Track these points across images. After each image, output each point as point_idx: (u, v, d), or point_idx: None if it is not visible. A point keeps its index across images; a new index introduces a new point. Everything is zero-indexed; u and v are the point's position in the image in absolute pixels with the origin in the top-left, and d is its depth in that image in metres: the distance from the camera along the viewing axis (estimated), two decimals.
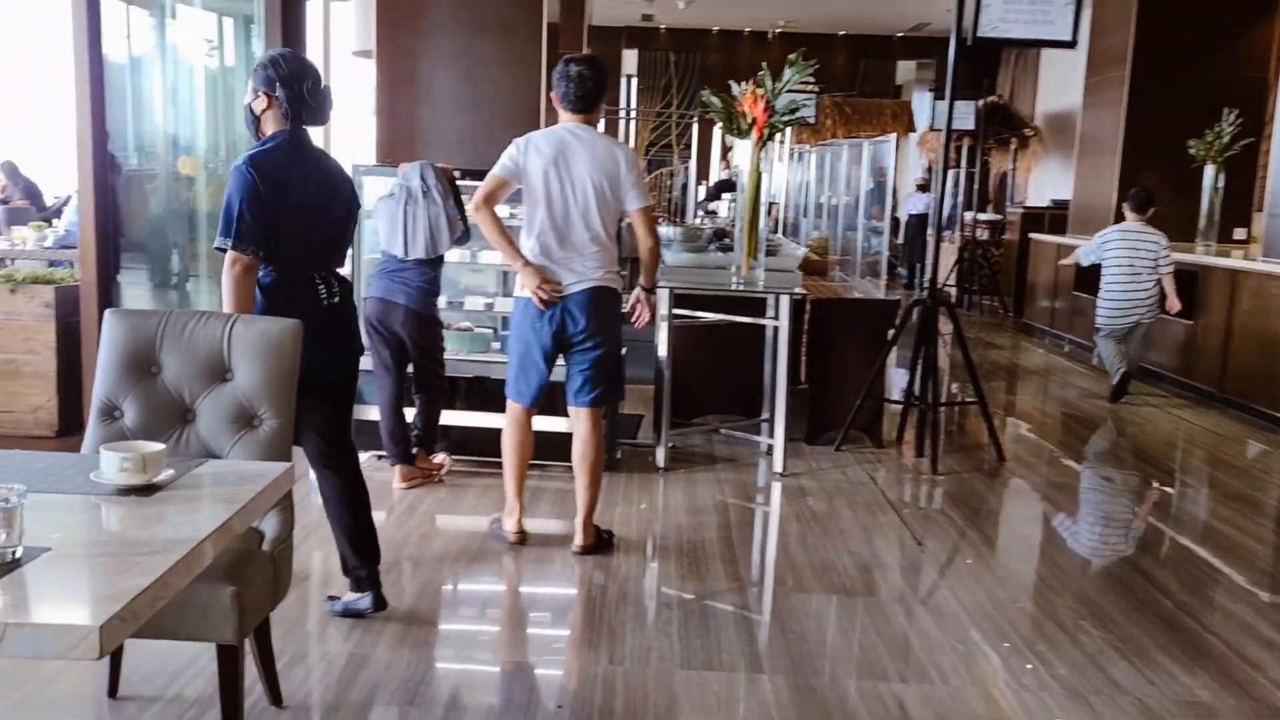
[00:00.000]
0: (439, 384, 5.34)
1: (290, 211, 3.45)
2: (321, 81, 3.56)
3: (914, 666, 3.65)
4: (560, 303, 4.35)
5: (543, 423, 5.53)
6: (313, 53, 7.23)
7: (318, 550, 4.46)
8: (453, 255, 5.56)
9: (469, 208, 4.34)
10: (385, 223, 5.15)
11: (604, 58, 4.83)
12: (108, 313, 3.01)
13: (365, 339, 5.25)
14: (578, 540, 4.54)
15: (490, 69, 7.34)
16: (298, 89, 3.46)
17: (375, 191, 5.61)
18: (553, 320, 4.37)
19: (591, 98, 4.39)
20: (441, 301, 5.48)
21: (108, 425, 2.94)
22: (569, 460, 4.66)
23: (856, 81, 18.97)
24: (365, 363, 5.52)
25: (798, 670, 3.57)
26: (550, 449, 5.47)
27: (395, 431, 5.27)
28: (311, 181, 3.53)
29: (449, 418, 5.56)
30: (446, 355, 5.41)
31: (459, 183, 5.34)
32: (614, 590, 4.23)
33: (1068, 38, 5.88)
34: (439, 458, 5.49)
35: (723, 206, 10.87)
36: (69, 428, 5.68)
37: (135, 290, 6.09)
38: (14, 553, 1.76)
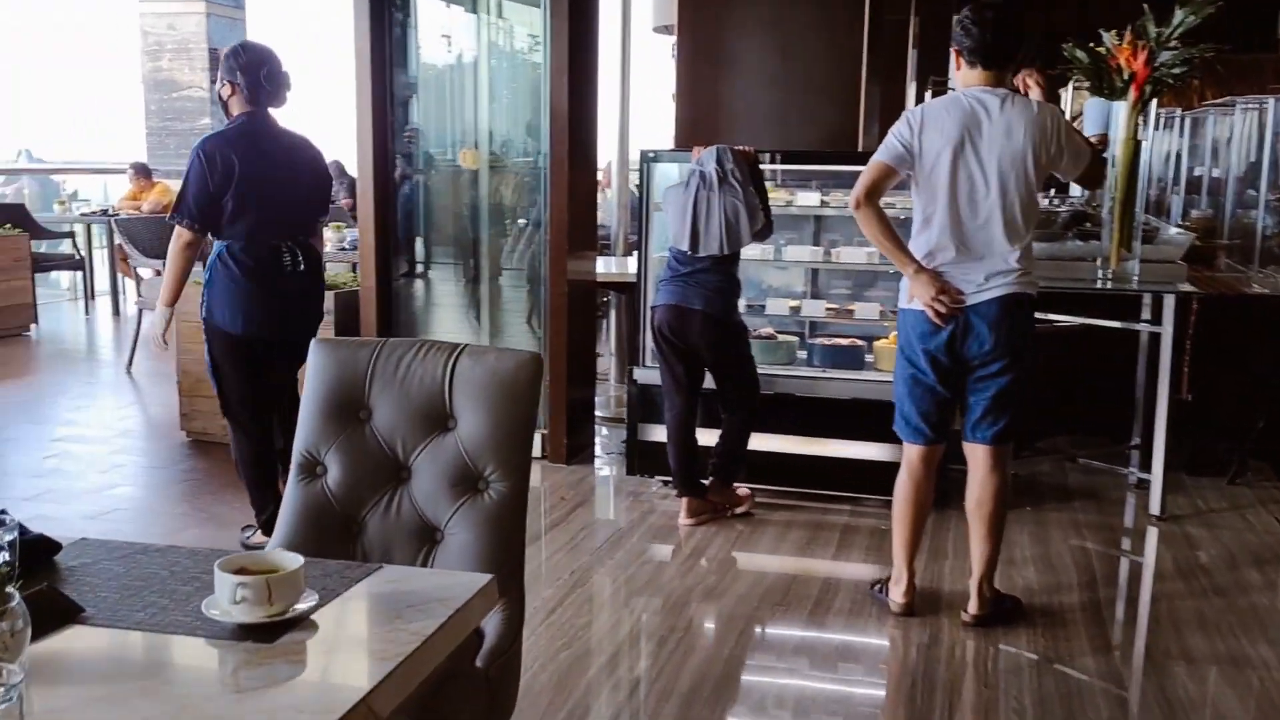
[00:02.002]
0: (747, 403, 4.58)
1: (246, 186, 3.79)
2: (280, 67, 3.92)
3: None
4: (960, 315, 3.47)
5: (848, 447, 4.69)
6: (609, 32, 6.66)
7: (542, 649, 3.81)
8: (752, 251, 4.79)
9: (848, 202, 3.53)
10: (674, 214, 4.44)
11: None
12: (314, 343, 2.44)
13: (653, 352, 4.59)
14: (971, 608, 3.63)
15: (804, 38, 6.52)
16: (256, 76, 3.85)
17: (669, 181, 4.92)
18: (951, 337, 3.48)
19: (1009, 49, 3.47)
20: (740, 305, 4.73)
21: (307, 485, 2.37)
22: (881, 494, 3.78)
23: (1228, 34, 16.58)
24: (644, 377, 4.89)
25: None
26: (854, 477, 4.61)
27: (685, 458, 4.56)
28: (269, 158, 3.87)
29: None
30: None
31: (763, 167, 4.57)
32: (950, 654, 3.34)
33: None
34: (741, 490, 4.73)
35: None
36: None
37: (443, 288, 5.72)
38: None
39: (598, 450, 5.69)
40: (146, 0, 11.34)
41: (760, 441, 4.80)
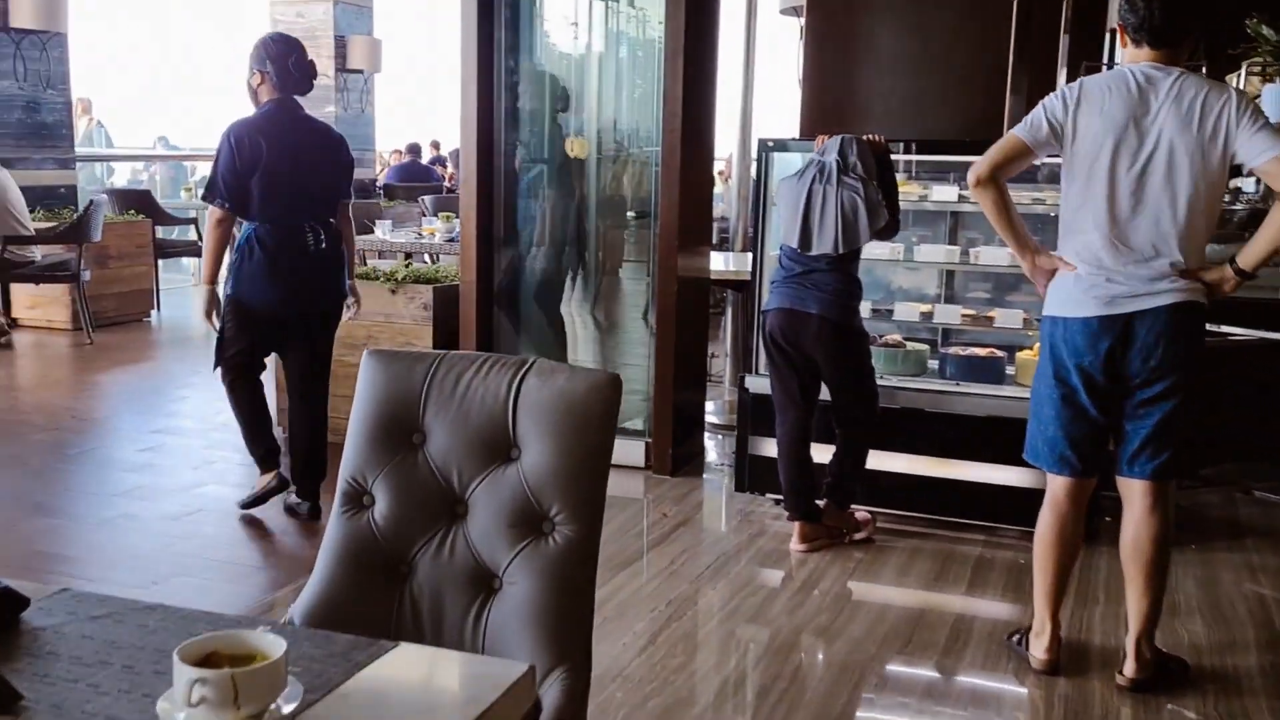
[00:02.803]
0: (867, 418, 4.16)
1: (272, 168, 3.97)
2: (306, 57, 4.10)
3: None
4: (1121, 325, 2.99)
5: (983, 470, 4.23)
6: (732, 14, 6.26)
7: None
8: (880, 250, 4.35)
9: (968, 179, 3.10)
10: (786, 208, 4.03)
11: None
12: (365, 354, 2.12)
13: (765, 360, 4.19)
14: (1128, 669, 3.12)
15: (945, 19, 6.01)
16: (284, 64, 4.02)
17: (788, 172, 4.51)
18: (1110, 351, 3.00)
19: (1183, 24, 2.97)
20: (863, 309, 4.30)
21: (352, 517, 2.06)
22: (1020, 524, 3.32)
23: None
24: (756, 385, 4.49)
25: None
26: (989, 504, 4.14)
27: (797, 478, 4.15)
28: (295, 143, 4.05)
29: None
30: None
31: (895, 158, 4.13)
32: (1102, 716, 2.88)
33: None
34: (860, 514, 4.30)
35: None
36: None
37: (550, 282, 5.41)
38: None
39: (709, 457, 5.32)
40: None
41: (883, 460, 4.36)
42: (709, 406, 5.90)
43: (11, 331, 7.68)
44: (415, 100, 16.13)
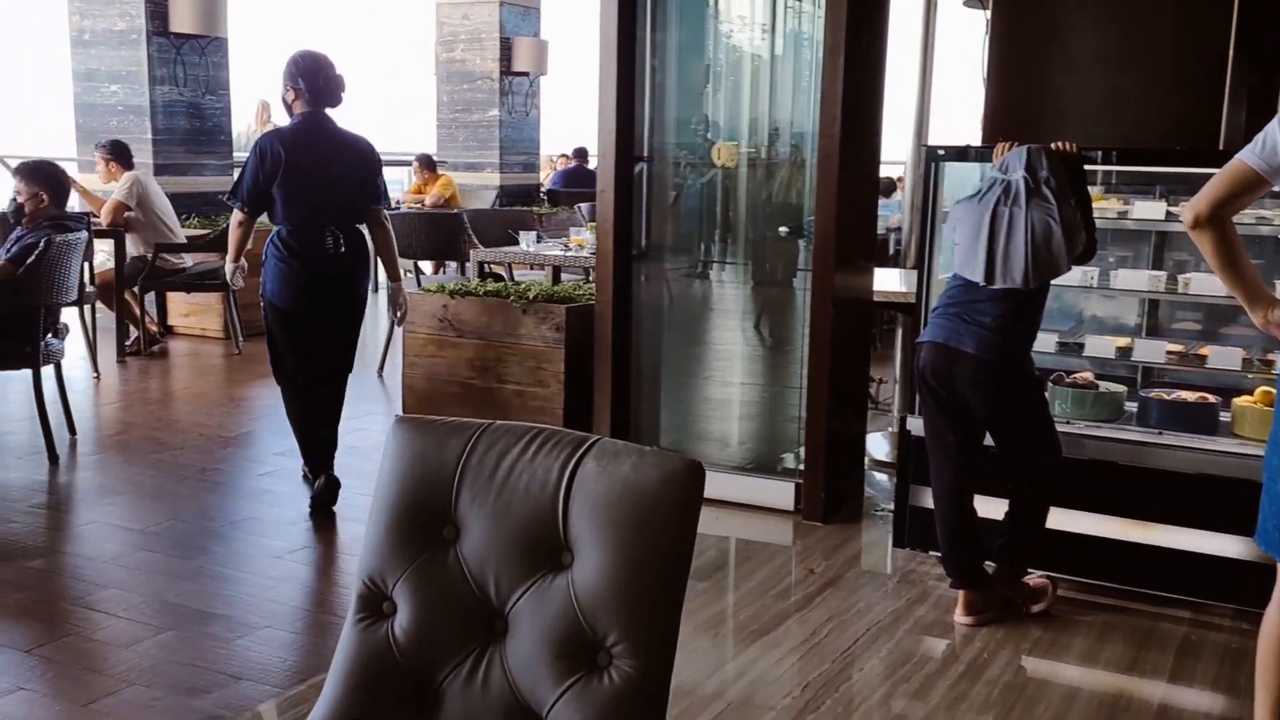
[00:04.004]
0: (1042, 473, 3.55)
1: (294, 177, 4.21)
2: (334, 72, 4.32)
3: None
4: None
5: (1190, 537, 3.58)
6: (906, 10, 5.67)
7: None
8: (1070, 274, 3.72)
9: (1182, 218, 2.55)
10: (965, 234, 3.46)
11: None
12: (394, 423, 1.72)
13: (918, 401, 3.65)
14: None
15: (1151, 7, 5.30)
16: (315, 80, 4.26)
17: (962, 188, 3.93)
18: None
19: None
20: (1047, 342, 3.69)
21: (369, 628, 1.66)
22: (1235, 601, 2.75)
23: None
24: (918, 427, 3.91)
25: None
26: (1197, 576, 3.48)
27: (957, 538, 3.57)
28: (320, 153, 4.29)
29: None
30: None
31: (1089, 168, 3.51)
32: None
33: None
34: (1035, 579, 3.68)
35: None
36: None
37: (698, 298, 4.94)
38: None
39: (869, 496, 4.77)
40: None
41: (1066, 520, 3.74)
42: (874, 439, 5.34)
43: (165, 339, 7.71)
44: (584, 103, 15.91)
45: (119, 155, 7.23)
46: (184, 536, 4.17)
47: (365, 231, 4.48)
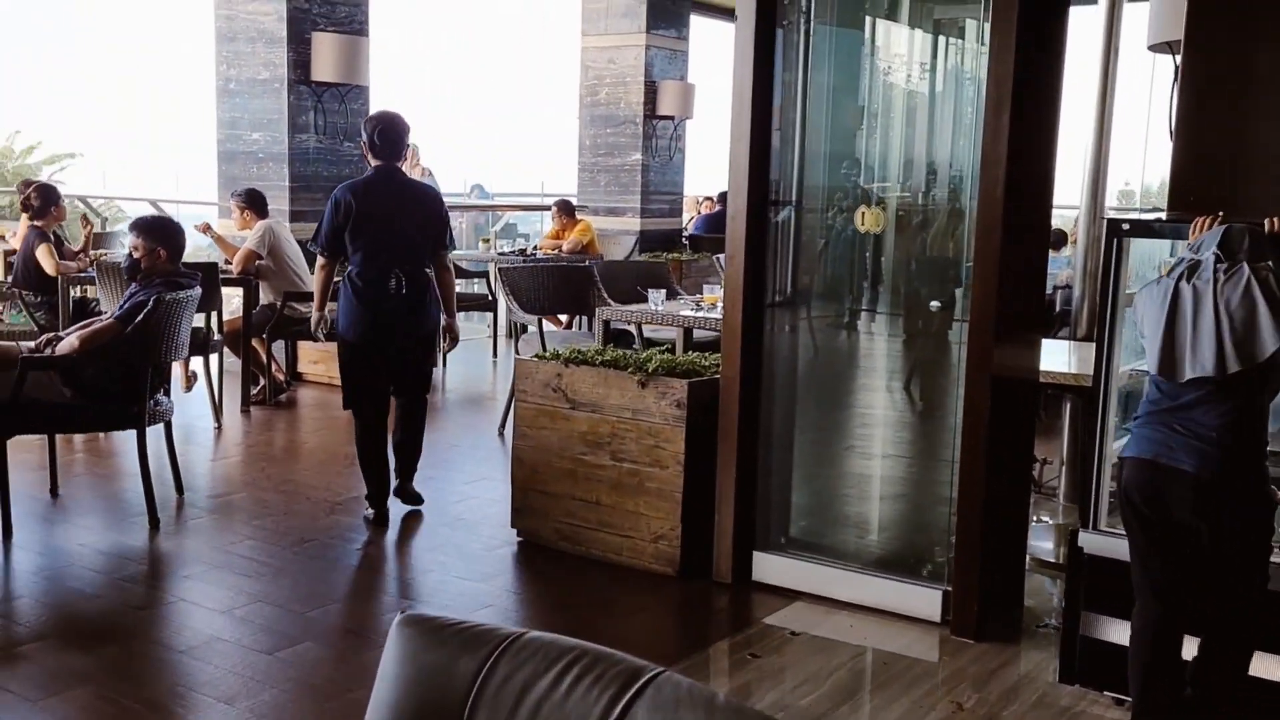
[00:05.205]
0: (1250, 610, 2.95)
1: (362, 224, 4.68)
2: (389, 130, 4.75)
3: None
4: None
5: None
6: (1084, 53, 5.10)
7: None
8: None
9: None
10: (1149, 323, 2.90)
11: None
12: (395, 624, 1.31)
13: (1124, 521, 3.09)
14: None
15: None
16: (387, 138, 4.74)
17: (1148, 258, 3.35)
18: None
19: None
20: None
21: None
22: None
23: None
24: (1093, 545, 3.32)
25: None
26: None
27: (1157, 686, 2.98)
28: (386, 202, 4.74)
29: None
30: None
31: None
32: None
33: None
34: None
35: None
36: (693, 569, 4.27)
37: (839, 377, 4.44)
38: None
39: (1028, 603, 4.18)
40: (591, 36, 11.04)
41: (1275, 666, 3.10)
42: (1035, 531, 4.74)
43: (292, 388, 7.58)
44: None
45: (253, 204, 7.16)
46: (264, 621, 3.86)
47: (431, 273, 4.88)
